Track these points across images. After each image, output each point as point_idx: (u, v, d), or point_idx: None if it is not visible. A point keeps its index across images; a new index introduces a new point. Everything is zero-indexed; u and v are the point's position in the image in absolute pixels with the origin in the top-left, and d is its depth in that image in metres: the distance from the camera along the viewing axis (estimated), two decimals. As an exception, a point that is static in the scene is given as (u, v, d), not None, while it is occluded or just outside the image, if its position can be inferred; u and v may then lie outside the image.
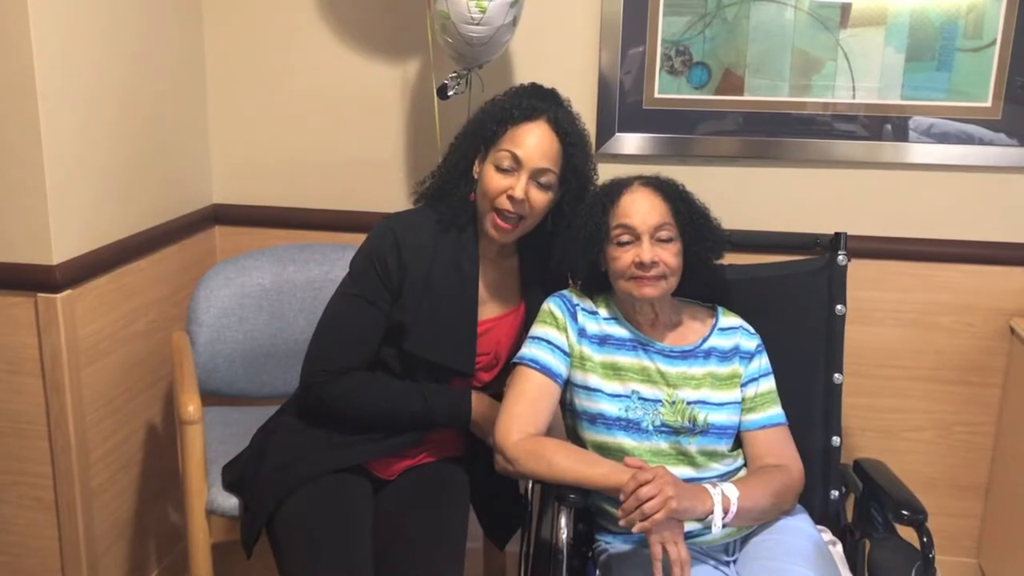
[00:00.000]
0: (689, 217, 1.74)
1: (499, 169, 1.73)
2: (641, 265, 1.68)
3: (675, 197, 1.75)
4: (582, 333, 1.77)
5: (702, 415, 1.71)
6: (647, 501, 1.48)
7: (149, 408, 2.32)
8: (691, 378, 1.74)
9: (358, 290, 1.78)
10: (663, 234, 1.70)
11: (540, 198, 1.75)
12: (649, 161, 2.33)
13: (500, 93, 1.85)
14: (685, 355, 1.76)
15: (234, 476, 1.90)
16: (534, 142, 1.73)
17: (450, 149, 1.86)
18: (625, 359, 1.74)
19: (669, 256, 1.70)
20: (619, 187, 1.77)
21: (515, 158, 1.72)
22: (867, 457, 1.94)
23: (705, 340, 1.79)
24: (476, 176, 1.80)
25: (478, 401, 1.82)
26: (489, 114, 1.79)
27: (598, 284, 1.82)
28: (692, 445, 1.70)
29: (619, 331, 1.77)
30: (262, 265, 2.25)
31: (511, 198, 1.72)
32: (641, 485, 1.50)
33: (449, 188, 1.82)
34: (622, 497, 1.52)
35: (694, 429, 1.71)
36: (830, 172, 2.31)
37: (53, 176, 1.89)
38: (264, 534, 1.78)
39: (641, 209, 1.71)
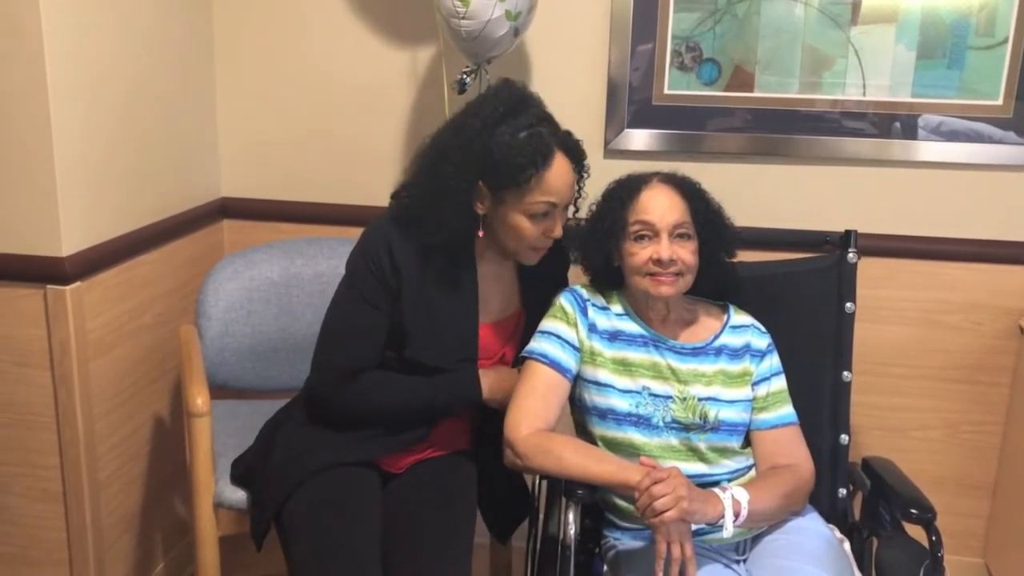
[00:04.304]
0: (706, 216, 1.74)
1: (533, 217, 1.70)
2: (659, 262, 1.68)
3: (693, 195, 1.75)
4: (592, 328, 1.76)
5: (713, 412, 1.71)
6: (660, 499, 1.49)
7: (157, 401, 2.32)
8: (702, 375, 1.74)
9: (357, 292, 1.76)
10: (681, 232, 1.70)
11: (564, 218, 1.76)
12: (658, 157, 2.32)
13: (474, 112, 1.70)
14: (696, 352, 1.76)
15: (242, 470, 1.90)
16: (561, 183, 1.69)
17: (435, 179, 1.71)
18: (636, 355, 1.74)
19: (687, 254, 1.70)
20: (638, 183, 1.76)
21: (552, 204, 1.70)
22: (875, 455, 1.94)
23: (716, 337, 1.79)
24: (482, 212, 1.73)
25: (486, 376, 1.80)
26: (500, 159, 1.65)
27: (610, 279, 1.81)
28: (702, 442, 1.70)
29: (630, 327, 1.77)
30: (270, 259, 2.25)
31: (550, 236, 1.72)
32: (655, 483, 1.50)
33: (446, 223, 1.72)
34: (636, 495, 1.53)
35: (704, 426, 1.70)
36: (840, 169, 2.30)
37: (63, 169, 1.90)
38: (272, 527, 1.78)
39: (661, 206, 1.71)
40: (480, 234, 1.75)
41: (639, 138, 2.34)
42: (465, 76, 2.11)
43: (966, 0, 2.16)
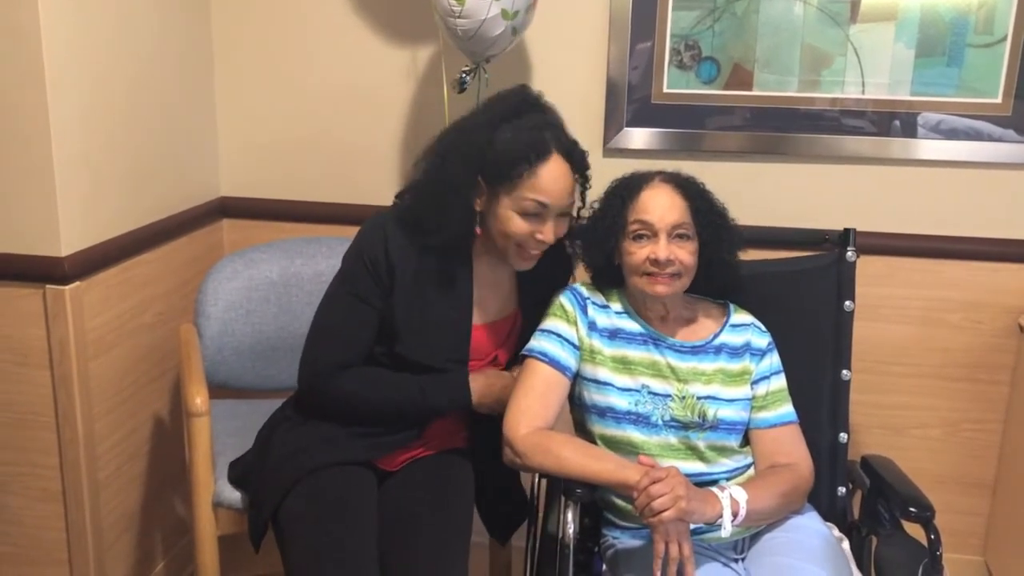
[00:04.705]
0: (708, 217, 1.73)
1: (524, 215, 1.69)
2: (656, 262, 1.67)
3: (695, 196, 1.74)
4: (592, 327, 1.76)
5: (712, 411, 1.71)
6: (658, 498, 1.49)
7: (156, 400, 2.32)
8: (701, 373, 1.74)
9: (348, 287, 1.77)
10: (680, 232, 1.70)
11: (562, 227, 1.74)
12: (657, 156, 2.32)
13: (478, 112, 1.76)
14: (696, 350, 1.76)
15: (240, 472, 1.91)
16: (556, 185, 1.67)
17: (436, 171, 1.72)
18: (635, 353, 1.74)
19: (685, 255, 1.69)
20: (639, 181, 1.75)
21: (542, 205, 1.68)
22: (874, 453, 1.94)
23: (716, 336, 1.78)
24: (479, 209, 1.73)
25: (475, 380, 1.80)
26: (496, 153, 1.67)
27: (610, 278, 1.81)
28: (701, 441, 1.70)
29: (630, 325, 1.77)
30: (270, 258, 2.25)
31: (539, 240, 1.70)
32: (653, 483, 1.51)
33: (444, 220, 1.71)
34: (635, 494, 1.53)
35: (703, 424, 1.70)
36: (839, 168, 2.30)
37: (62, 168, 1.90)
38: (270, 527, 1.78)
39: (660, 205, 1.70)
40: (478, 232, 1.75)
41: (638, 137, 2.34)
42: (465, 75, 2.11)
43: (965, -2, 2.17)
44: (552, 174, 1.68)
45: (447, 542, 1.71)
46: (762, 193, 2.33)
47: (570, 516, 1.63)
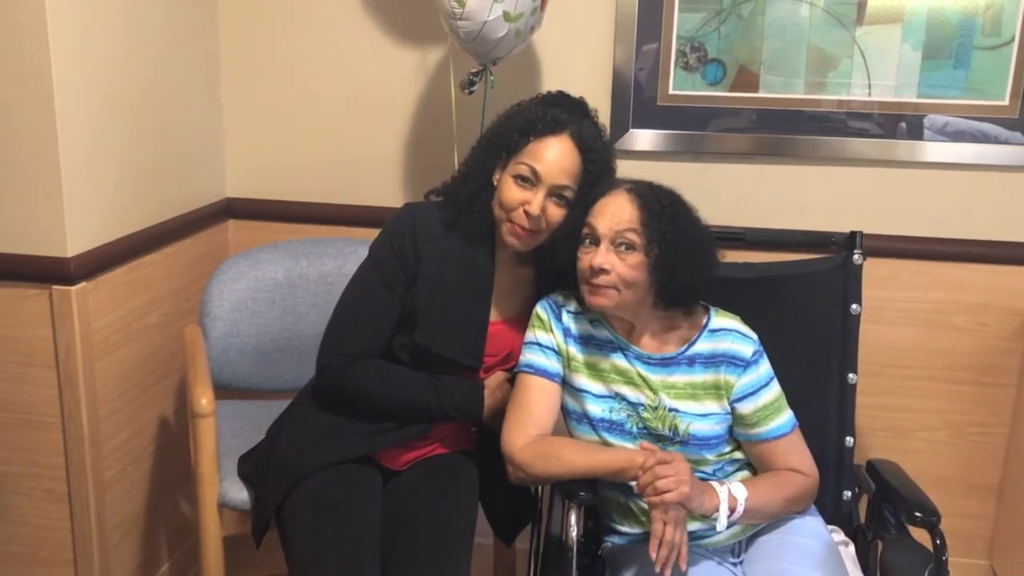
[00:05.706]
0: (659, 230, 1.60)
1: (518, 181, 1.71)
2: (592, 269, 1.61)
3: (650, 207, 1.62)
4: (567, 333, 1.75)
5: (683, 425, 1.67)
6: (663, 479, 1.49)
7: (162, 401, 2.33)
8: (672, 386, 1.69)
9: (375, 273, 1.79)
10: (623, 241, 1.60)
11: (557, 214, 1.72)
12: (663, 158, 2.32)
13: (527, 99, 1.84)
14: (666, 362, 1.70)
15: (249, 467, 1.91)
16: (555, 158, 1.70)
17: (470, 154, 1.84)
18: (606, 360, 1.72)
19: (624, 266, 1.60)
20: (604, 189, 1.68)
21: (534, 172, 1.69)
22: (880, 458, 1.94)
23: (690, 346, 1.70)
24: (495, 183, 1.77)
25: (490, 396, 1.82)
26: (513, 122, 1.76)
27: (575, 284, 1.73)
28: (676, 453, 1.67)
29: (601, 332, 1.74)
30: (275, 259, 2.25)
31: (526, 212, 1.70)
32: (660, 464, 1.51)
33: (470, 197, 1.78)
34: (640, 473, 1.52)
35: (674, 438, 1.67)
36: (845, 170, 2.30)
37: (68, 169, 1.90)
38: (274, 525, 1.79)
39: (609, 213, 1.63)
40: (493, 206, 1.77)
41: (644, 138, 2.34)
42: (473, 76, 2.11)
43: (972, 0, 2.15)
44: (554, 148, 1.70)
45: (449, 544, 1.71)
46: (768, 195, 2.32)
47: (573, 519, 1.63)
